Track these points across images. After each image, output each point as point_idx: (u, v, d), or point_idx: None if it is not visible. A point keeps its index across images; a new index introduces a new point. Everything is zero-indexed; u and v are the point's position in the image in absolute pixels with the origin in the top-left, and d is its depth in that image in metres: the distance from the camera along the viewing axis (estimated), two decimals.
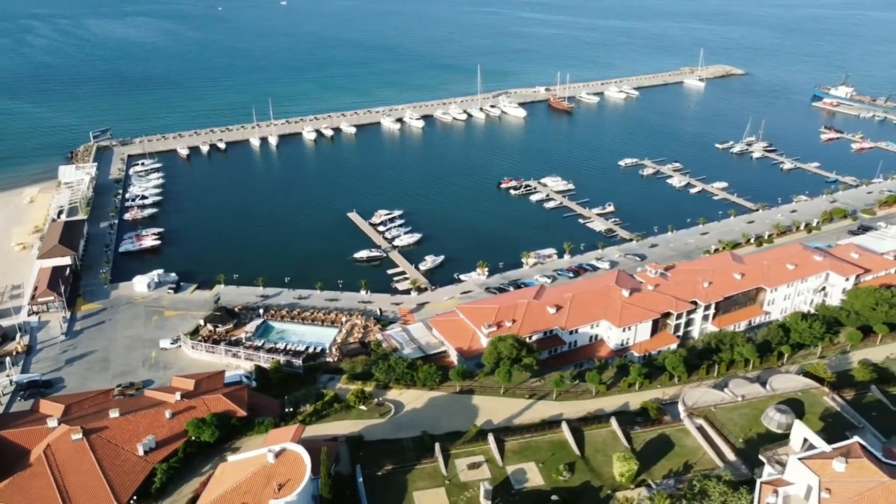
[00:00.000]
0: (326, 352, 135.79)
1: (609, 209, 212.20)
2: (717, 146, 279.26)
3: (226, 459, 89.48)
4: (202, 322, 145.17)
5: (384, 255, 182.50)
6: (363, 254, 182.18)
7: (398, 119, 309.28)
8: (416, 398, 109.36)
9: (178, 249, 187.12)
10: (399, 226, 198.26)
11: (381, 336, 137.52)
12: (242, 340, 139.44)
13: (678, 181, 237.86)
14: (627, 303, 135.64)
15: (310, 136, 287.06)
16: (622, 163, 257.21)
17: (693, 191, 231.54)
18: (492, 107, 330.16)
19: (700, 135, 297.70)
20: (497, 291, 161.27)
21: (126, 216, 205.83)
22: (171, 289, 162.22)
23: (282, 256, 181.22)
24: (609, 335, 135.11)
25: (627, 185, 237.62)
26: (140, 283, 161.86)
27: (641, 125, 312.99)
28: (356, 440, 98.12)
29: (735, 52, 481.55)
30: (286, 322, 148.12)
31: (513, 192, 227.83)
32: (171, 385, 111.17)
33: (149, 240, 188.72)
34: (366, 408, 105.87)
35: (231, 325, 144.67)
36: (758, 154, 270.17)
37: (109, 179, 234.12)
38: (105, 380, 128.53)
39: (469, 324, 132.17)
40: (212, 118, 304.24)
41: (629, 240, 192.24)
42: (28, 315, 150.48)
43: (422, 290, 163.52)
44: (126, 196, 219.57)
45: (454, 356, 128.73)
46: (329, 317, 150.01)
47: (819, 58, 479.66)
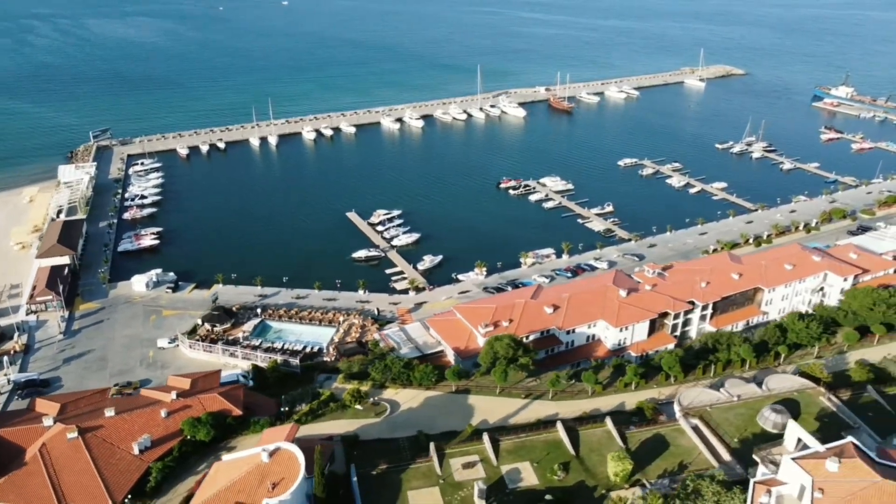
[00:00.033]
0: (324, 351, 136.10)
1: (608, 209, 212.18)
2: (717, 146, 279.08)
3: (221, 458, 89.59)
4: (200, 321, 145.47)
5: (383, 255, 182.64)
6: (362, 253, 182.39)
7: (398, 119, 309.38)
8: (412, 398, 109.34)
9: (177, 249, 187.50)
10: (398, 225, 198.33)
11: (379, 336, 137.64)
12: (240, 340, 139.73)
13: (677, 181, 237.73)
14: (625, 303, 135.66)
15: (309, 136, 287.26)
16: (621, 163, 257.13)
17: (692, 191, 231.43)
18: (492, 107, 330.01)
19: (700, 135, 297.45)
20: (495, 291, 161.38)
21: (125, 216, 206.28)
22: (170, 288, 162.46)
23: (280, 256, 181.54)
24: (606, 335, 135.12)
25: (627, 185, 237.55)
26: (138, 283, 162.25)
27: (641, 125, 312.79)
28: (351, 439, 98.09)
29: (735, 52, 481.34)
30: (284, 322, 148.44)
31: (512, 192, 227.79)
32: (167, 384, 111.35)
33: (147, 239, 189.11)
34: (361, 407, 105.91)
35: (229, 325, 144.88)
36: (757, 154, 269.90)
37: (109, 179, 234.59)
38: (103, 379, 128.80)
39: (466, 323, 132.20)
40: (211, 118, 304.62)
41: (628, 240, 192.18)
42: (26, 314, 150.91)
43: (420, 290, 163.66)
44: (125, 196, 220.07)
45: (451, 356, 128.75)
46: (327, 316, 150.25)
47: (819, 58, 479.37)
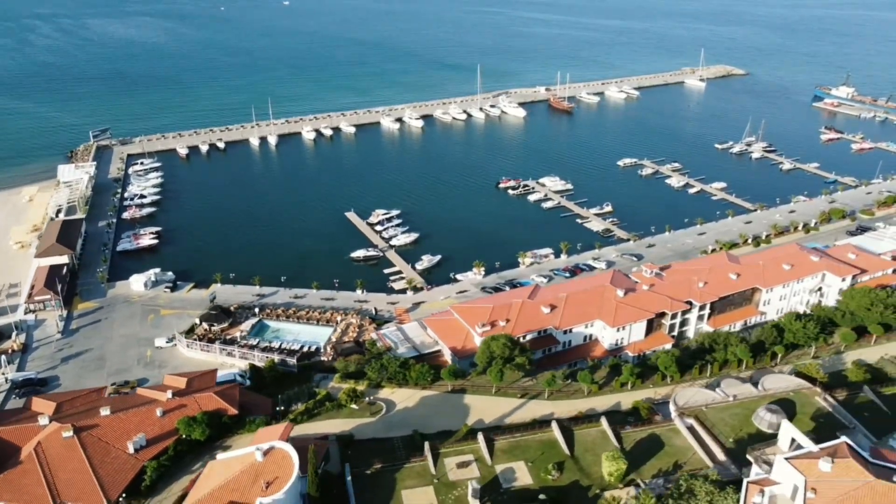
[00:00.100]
0: (321, 351, 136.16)
1: (607, 209, 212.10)
2: (717, 146, 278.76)
3: (215, 458, 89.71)
4: (198, 321, 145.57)
5: (381, 255, 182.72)
6: (360, 253, 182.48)
7: (398, 119, 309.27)
8: (408, 397, 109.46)
9: (176, 248, 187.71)
10: (396, 225, 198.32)
11: (376, 335, 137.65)
12: (237, 339, 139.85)
13: (677, 181, 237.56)
14: (622, 303, 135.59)
15: (309, 136, 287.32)
16: (621, 163, 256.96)
17: (692, 191, 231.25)
18: (491, 107, 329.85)
19: (700, 135, 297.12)
20: (493, 291, 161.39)
21: (124, 215, 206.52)
22: (168, 288, 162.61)
23: (279, 256, 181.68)
24: (603, 335, 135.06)
25: (626, 185, 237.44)
26: (137, 282, 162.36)
27: (641, 125, 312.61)
28: (347, 439, 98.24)
29: (736, 53, 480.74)
30: (281, 321, 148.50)
31: (511, 192, 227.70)
32: (164, 383, 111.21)
33: (146, 239, 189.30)
34: (357, 406, 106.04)
35: (226, 324, 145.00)
36: (757, 154, 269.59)
37: (108, 178, 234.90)
38: (100, 378, 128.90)
39: (463, 323, 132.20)
40: (211, 118, 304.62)
41: (626, 240, 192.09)
42: (25, 313, 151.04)
43: (418, 290, 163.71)
44: (125, 195, 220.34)
45: (448, 355, 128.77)
46: (324, 316, 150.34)
47: (820, 58, 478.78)
